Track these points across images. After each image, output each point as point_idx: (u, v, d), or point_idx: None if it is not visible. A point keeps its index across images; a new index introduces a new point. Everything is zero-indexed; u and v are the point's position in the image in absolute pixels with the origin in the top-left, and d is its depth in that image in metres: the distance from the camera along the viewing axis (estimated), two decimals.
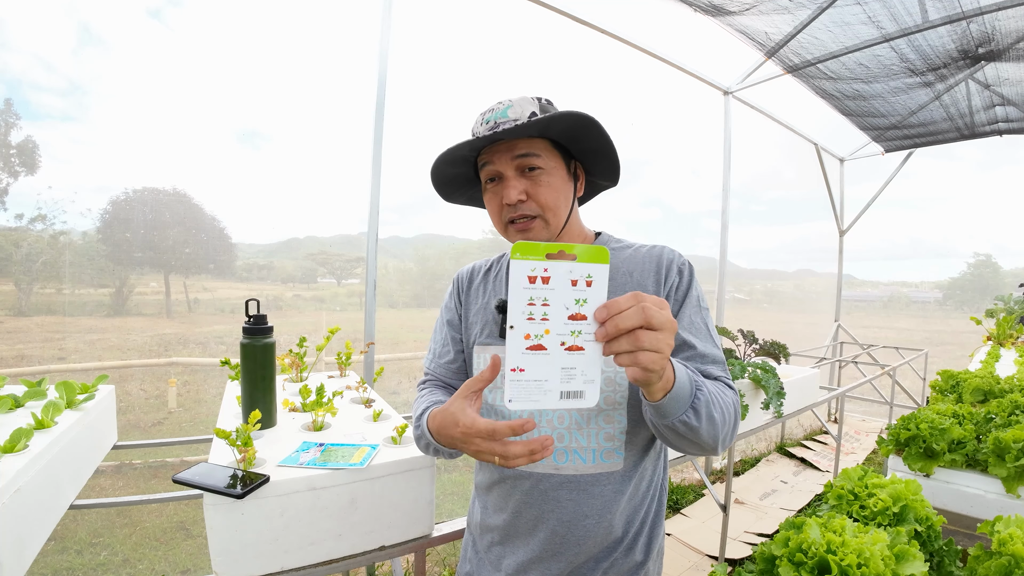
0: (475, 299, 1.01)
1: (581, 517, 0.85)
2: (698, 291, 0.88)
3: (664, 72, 3.35)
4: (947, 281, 10.92)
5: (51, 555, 2.57)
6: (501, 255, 1.06)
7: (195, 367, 3.48)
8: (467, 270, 1.07)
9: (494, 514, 0.95)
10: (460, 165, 0.91)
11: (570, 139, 0.85)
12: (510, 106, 0.83)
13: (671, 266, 0.87)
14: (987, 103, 3.67)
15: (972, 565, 0.88)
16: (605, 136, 0.83)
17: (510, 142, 0.83)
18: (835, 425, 3.56)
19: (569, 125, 0.81)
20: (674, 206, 9.45)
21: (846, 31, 2.75)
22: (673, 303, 0.85)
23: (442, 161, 0.87)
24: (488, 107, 0.87)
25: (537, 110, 0.83)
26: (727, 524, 2.37)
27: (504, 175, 0.84)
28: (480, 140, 0.82)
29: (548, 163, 0.84)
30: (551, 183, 0.84)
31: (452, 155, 0.86)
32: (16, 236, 2.40)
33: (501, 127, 0.81)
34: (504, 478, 0.92)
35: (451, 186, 0.96)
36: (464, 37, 3.35)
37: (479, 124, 0.86)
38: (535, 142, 0.83)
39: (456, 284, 1.07)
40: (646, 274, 0.87)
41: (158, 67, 2.62)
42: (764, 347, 2.40)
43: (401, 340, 5.37)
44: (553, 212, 0.85)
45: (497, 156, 0.84)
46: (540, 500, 0.87)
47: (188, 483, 0.91)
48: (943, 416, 1.37)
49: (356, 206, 2.32)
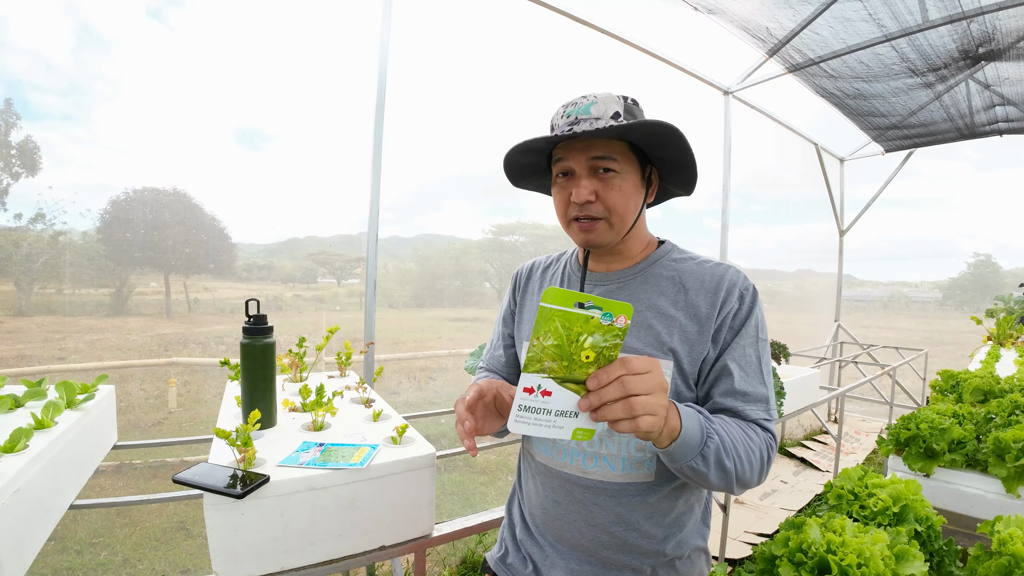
0: (530, 296, 1.03)
1: (608, 524, 0.85)
2: (758, 320, 0.84)
3: (664, 72, 3.35)
4: (947, 281, 10.92)
5: (51, 555, 2.57)
6: (562, 253, 1.06)
7: (195, 367, 3.48)
8: (526, 267, 1.08)
9: (527, 504, 0.98)
10: (534, 155, 0.89)
11: (649, 145, 0.83)
12: (594, 103, 0.81)
13: (732, 290, 0.83)
14: (987, 103, 3.67)
15: (972, 565, 0.88)
16: (687, 148, 0.81)
17: (588, 141, 0.81)
18: (835, 425, 3.56)
19: (651, 133, 0.79)
20: (674, 206, 9.48)
21: (847, 27, 2.75)
22: (728, 331, 0.82)
23: (517, 150, 0.86)
24: (571, 99, 0.85)
25: (621, 110, 0.81)
26: (727, 524, 2.37)
27: (576, 173, 0.83)
28: (559, 137, 0.80)
29: (623, 167, 0.82)
30: (623, 187, 0.82)
31: (528, 145, 0.84)
32: (16, 236, 2.40)
33: (581, 124, 0.79)
34: (537, 473, 0.93)
35: (521, 173, 0.96)
36: (464, 37, 3.35)
37: (559, 116, 0.84)
38: (613, 144, 0.81)
39: (515, 280, 1.09)
40: (702, 293, 0.84)
41: (158, 67, 2.62)
42: None
43: (401, 340, 5.37)
44: (620, 217, 0.83)
45: (573, 154, 0.82)
46: (568, 500, 0.87)
47: (188, 483, 0.91)
48: (943, 416, 1.37)
49: (356, 206, 2.32)
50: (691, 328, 0.82)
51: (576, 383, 0.61)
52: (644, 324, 0.84)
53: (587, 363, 0.60)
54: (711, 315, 0.82)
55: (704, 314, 0.82)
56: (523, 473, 1.01)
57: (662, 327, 0.83)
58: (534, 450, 0.94)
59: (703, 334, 0.82)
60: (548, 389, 0.61)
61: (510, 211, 9.67)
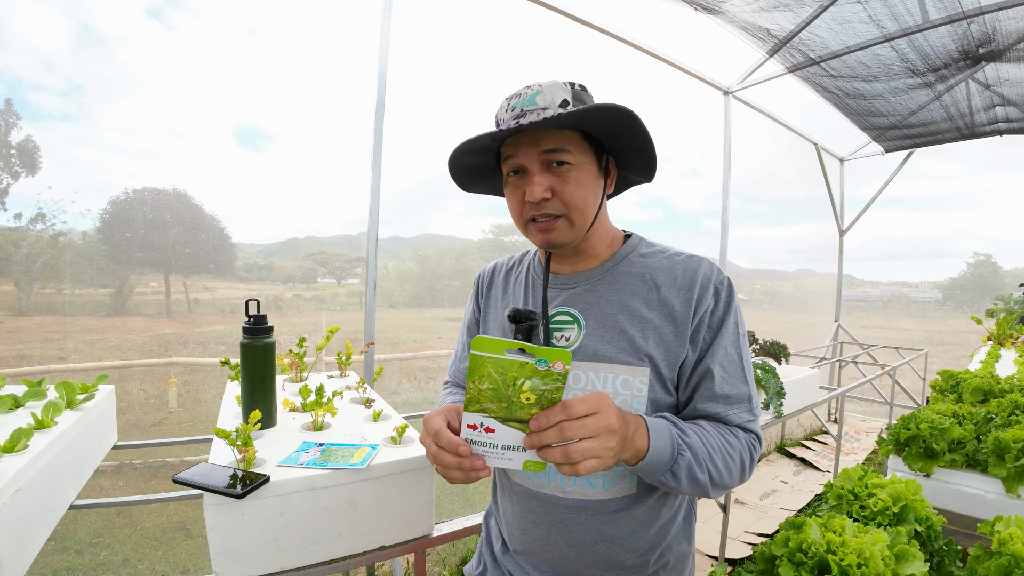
0: (493, 303, 0.96)
1: (590, 542, 0.81)
2: (736, 316, 0.80)
3: (664, 72, 3.35)
4: (947, 281, 10.91)
5: (51, 555, 2.57)
6: (525, 253, 1.00)
7: (195, 367, 3.48)
8: (488, 270, 1.02)
9: (505, 524, 0.93)
10: (481, 154, 0.83)
11: (604, 132, 0.77)
12: (539, 92, 0.75)
13: (707, 286, 0.78)
14: (987, 103, 3.67)
15: (972, 565, 0.88)
16: (644, 131, 0.75)
17: (537, 134, 0.75)
18: (835, 425, 3.56)
19: (604, 118, 0.72)
20: (674, 206, 9.47)
21: (847, 29, 2.75)
22: (707, 331, 0.78)
23: (461, 151, 0.79)
24: (515, 91, 0.78)
25: (569, 97, 0.75)
26: (727, 524, 2.37)
27: (529, 169, 0.76)
28: (503, 132, 0.73)
29: (578, 158, 0.76)
30: (580, 180, 0.76)
31: (473, 145, 0.77)
32: (16, 236, 2.40)
33: (528, 116, 0.73)
34: (513, 493, 0.88)
35: (470, 176, 0.89)
36: (464, 37, 3.35)
37: (503, 111, 0.78)
38: (565, 134, 0.75)
39: (477, 285, 1.02)
40: (675, 291, 0.79)
41: (158, 67, 2.62)
42: (764, 347, 2.40)
43: (401, 340, 5.37)
44: (580, 212, 0.77)
45: (522, 150, 0.76)
46: (548, 521, 0.83)
47: (188, 483, 0.91)
48: (943, 416, 1.37)
49: (356, 206, 2.32)
50: (667, 330, 0.78)
51: (519, 421, 0.61)
52: (617, 328, 0.79)
53: (528, 404, 0.59)
54: (687, 315, 0.77)
55: (679, 313, 0.77)
56: (499, 491, 0.95)
57: (636, 331, 0.78)
58: (509, 470, 0.89)
59: (680, 336, 0.77)
60: (490, 427, 0.61)
61: None
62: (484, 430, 0.61)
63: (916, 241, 16.78)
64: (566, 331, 0.83)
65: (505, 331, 0.89)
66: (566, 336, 0.83)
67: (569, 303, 0.85)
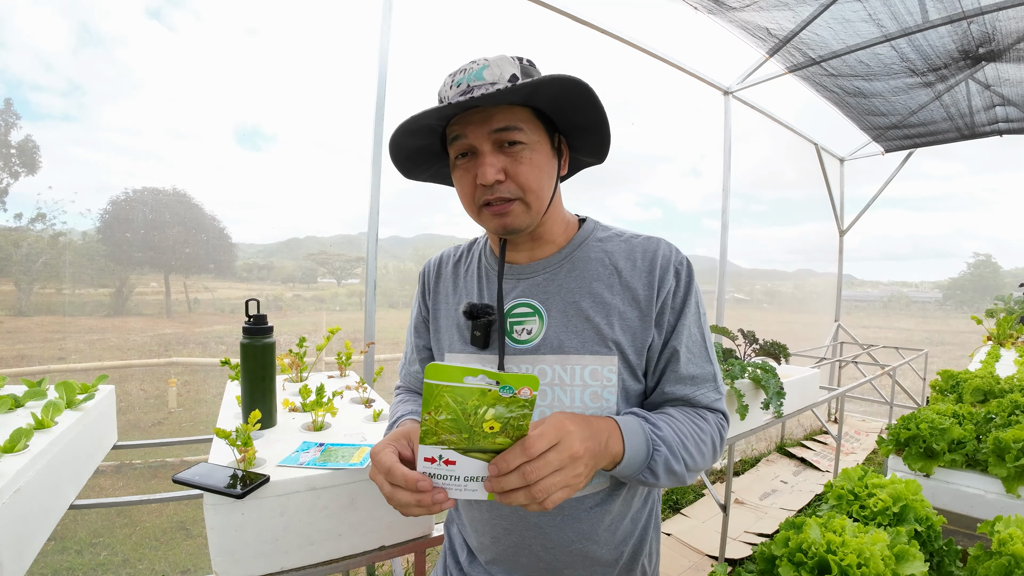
0: (444, 299, 0.89)
1: (567, 543, 0.78)
2: (697, 296, 0.79)
3: (664, 72, 3.35)
4: (947, 281, 10.91)
5: (51, 555, 2.57)
6: (473, 241, 0.93)
7: (195, 367, 3.48)
8: (434, 263, 0.94)
9: (472, 534, 0.88)
10: (425, 136, 0.76)
11: (557, 110, 0.73)
12: (486, 66, 0.69)
13: (667, 267, 0.77)
14: (987, 103, 3.67)
15: (972, 565, 0.88)
16: (599, 107, 0.70)
17: (486, 111, 0.69)
18: (835, 425, 3.56)
19: (559, 92, 0.68)
20: (674, 206, 9.47)
21: (847, 28, 2.75)
22: (670, 312, 0.76)
23: (402, 132, 0.72)
24: (458, 67, 0.72)
25: (518, 72, 0.70)
26: (727, 524, 2.37)
27: (479, 150, 0.71)
28: (450, 107, 0.66)
29: (531, 137, 0.71)
30: (534, 160, 0.71)
31: (415, 124, 0.70)
32: (16, 236, 2.40)
33: (476, 91, 0.67)
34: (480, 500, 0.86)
35: (412, 160, 0.81)
36: (464, 37, 3.35)
37: (447, 88, 0.72)
38: (516, 111, 0.70)
39: (422, 281, 0.94)
40: (636, 274, 0.77)
41: (158, 67, 2.62)
42: (764, 347, 2.40)
43: (401, 340, 5.37)
44: (535, 194, 0.72)
45: (471, 128, 0.70)
46: (521, 527, 0.80)
47: (188, 483, 0.91)
48: (943, 416, 1.37)
49: (356, 206, 2.32)
50: (632, 315, 0.76)
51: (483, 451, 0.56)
52: (581, 316, 0.76)
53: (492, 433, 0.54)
54: (650, 297, 0.76)
55: (643, 297, 0.76)
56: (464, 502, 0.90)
57: (601, 319, 0.76)
58: None
59: (645, 320, 0.76)
60: (451, 459, 0.56)
61: None
62: (444, 462, 0.56)
63: (916, 241, 16.77)
64: (527, 324, 0.79)
65: (460, 328, 0.85)
66: (527, 329, 0.79)
67: (528, 294, 0.80)
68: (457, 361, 0.83)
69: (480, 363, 0.81)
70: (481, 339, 0.80)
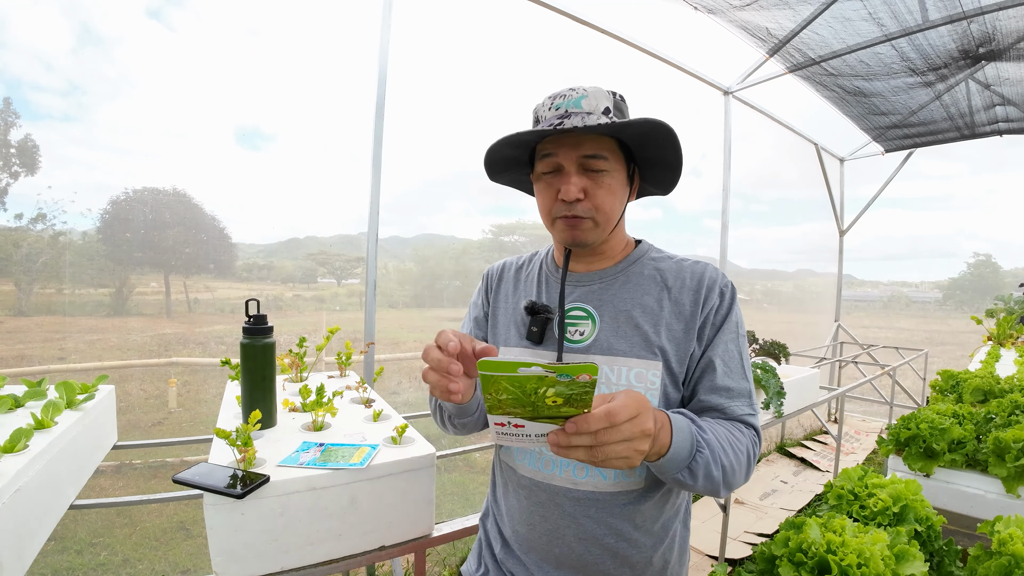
0: (504, 298, 0.98)
1: (600, 536, 0.82)
2: (738, 316, 0.85)
3: (664, 72, 3.35)
4: (947, 281, 10.91)
5: (51, 555, 2.57)
6: (534, 253, 1.03)
7: (195, 367, 3.48)
8: (498, 267, 1.04)
9: (508, 523, 0.92)
10: (518, 148, 0.86)
11: (639, 144, 0.82)
12: (584, 96, 0.79)
13: (713, 287, 0.84)
14: (987, 103, 3.67)
15: (972, 565, 0.88)
16: (678, 148, 0.79)
17: (579, 137, 0.78)
18: (835, 425, 3.56)
19: (646, 131, 0.77)
20: (674, 206, 9.46)
21: (847, 27, 2.75)
22: (711, 327, 0.82)
23: (504, 143, 0.82)
24: (559, 91, 0.82)
25: (611, 105, 0.79)
26: (727, 524, 2.37)
27: (566, 169, 0.80)
28: (552, 132, 0.76)
29: (612, 165, 0.80)
30: (611, 187, 0.80)
31: (517, 139, 0.80)
32: (16, 236, 2.40)
33: (572, 118, 0.76)
34: (520, 487, 0.88)
35: (501, 165, 0.91)
36: (464, 37, 3.35)
37: (546, 108, 0.82)
38: (603, 141, 0.79)
39: (486, 281, 1.04)
40: (685, 291, 0.84)
41: (158, 67, 2.62)
42: (764, 347, 2.40)
43: (401, 340, 5.37)
44: (606, 216, 0.81)
45: (563, 150, 0.79)
46: (556, 515, 0.84)
47: (188, 483, 0.91)
48: (943, 416, 1.37)
49: (356, 206, 2.32)
50: (677, 327, 0.82)
51: (550, 419, 0.57)
52: (631, 323, 0.83)
53: (555, 406, 0.55)
54: (695, 312, 0.82)
55: (688, 312, 0.82)
56: (501, 488, 0.95)
57: (649, 326, 0.82)
58: (516, 463, 0.89)
59: (689, 332, 0.82)
60: (519, 423, 0.57)
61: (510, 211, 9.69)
62: (513, 426, 0.58)
63: (916, 241, 16.79)
64: (580, 326, 0.86)
65: (517, 325, 0.92)
66: (580, 331, 0.86)
67: (584, 299, 0.88)
68: (511, 355, 0.90)
69: (533, 357, 0.87)
70: (537, 334, 0.88)
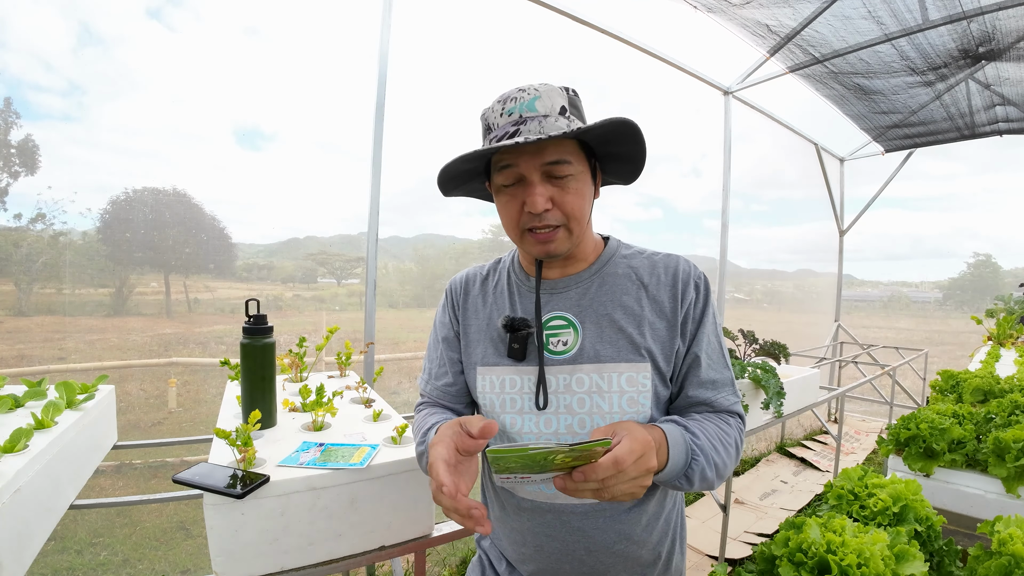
0: (474, 314, 0.92)
1: (609, 544, 0.82)
2: (713, 307, 0.85)
3: (664, 72, 3.35)
4: (947, 281, 10.90)
5: (51, 555, 2.57)
6: (497, 260, 0.97)
7: (195, 367, 3.48)
8: (460, 280, 0.97)
9: (510, 546, 0.90)
10: (473, 161, 0.79)
11: (602, 142, 0.78)
12: (537, 97, 0.73)
13: (688, 281, 0.83)
14: (987, 103, 3.67)
15: (972, 565, 0.88)
16: (642, 143, 0.76)
17: (539, 143, 0.73)
18: (835, 425, 3.56)
19: (607, 131, 0.73)
20: (674, 206, 9.46)
21: (847, 25, 2.75)
22: (692, 323, 0.82)
23: (461, 159, 0.76)
24: (508, 93, 0.76)
25: (566, 104, 0.75)
26: (727, 524, 2.37)
27: (529, 179, 0.74)
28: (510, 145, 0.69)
29: (577, 168, 0.76)
30: (579, 190, 0.76)
31: (474, 154, 0.75)
32: (16, 236, 2.40)
33: (528, 122, 0.72)
34: (521, 510, 0.86)
35: (456, 181, 0.85)
36: (464, 37, 3.35)
37: (497, 114, 0.75)
38: (565, 144, 0.74)
39: (450, 297, 0.96)
40: (662, 287, 0.82)
41: (158, 67, 2.62)
42: (764, 347, 2.40)
43: (401, 340, 5.37)
44: (578, 221, 0.77)
45: (523, 159, 0.73)
46: (564, 532, 0.83)
47: (188, 483, 0.91)
48: (943, 416, 1.37)
49: (356, 206, 2.32)
50: (660, 325, 0.81)
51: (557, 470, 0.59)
52: (615, 326, 0.81)
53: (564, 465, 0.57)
54: (675, 309, 0.81)
55: (669, 309, 0.82)
56: (498, 510, 0.91)
57: (633, 328, 0.81)
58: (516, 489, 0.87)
59: (672, 330, 0.81)
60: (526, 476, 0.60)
61: None
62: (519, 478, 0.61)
63: (916, 241, 16.79)
64: (562, 335, 0.83)
65: (494, 341, 0.87)
66: (563, 340, 0.83)
67: (563, 307, 0.85)
68: (494, 373, 0.86)
69: (518, 374, 0.84)
70: (519, 351, 0.84)
